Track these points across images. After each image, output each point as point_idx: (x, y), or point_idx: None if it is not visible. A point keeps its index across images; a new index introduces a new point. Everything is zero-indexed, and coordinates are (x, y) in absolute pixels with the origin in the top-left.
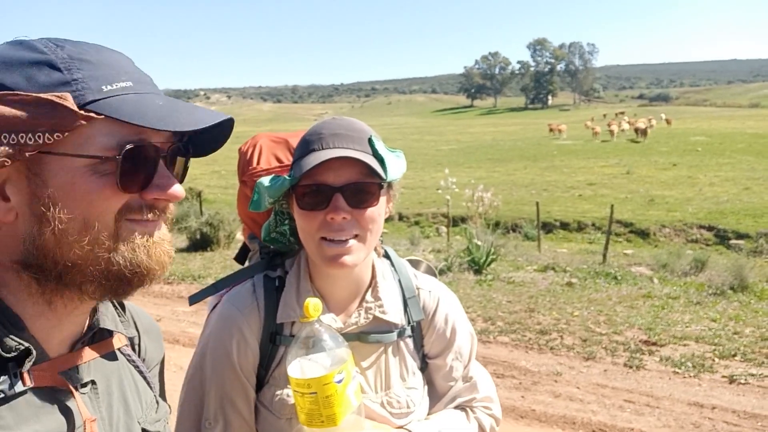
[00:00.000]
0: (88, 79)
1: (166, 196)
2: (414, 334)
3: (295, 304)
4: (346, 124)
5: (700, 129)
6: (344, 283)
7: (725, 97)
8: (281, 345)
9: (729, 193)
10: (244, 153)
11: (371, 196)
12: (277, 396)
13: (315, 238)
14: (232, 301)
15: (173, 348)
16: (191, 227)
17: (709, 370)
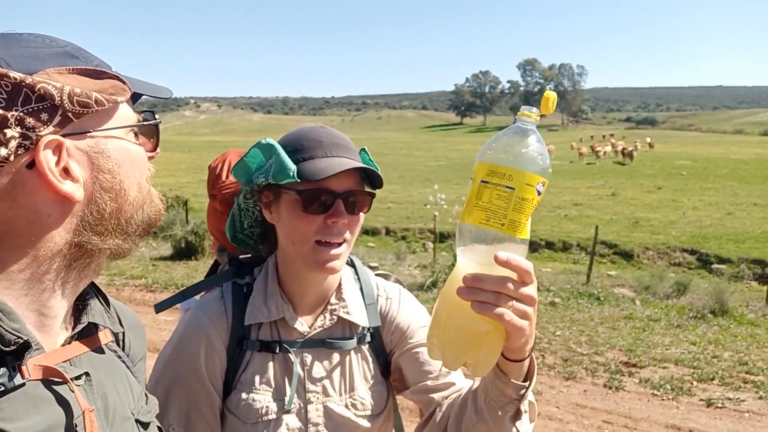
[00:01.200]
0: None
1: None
2: (374, 340)
3: (263, 307)
4: (339, 134)
5: (685, 153)
6: (315, 288)
7: (710, 122)
8: (248, 350)
9: (712, 218)
10: (213, 169)
11: (365, 203)
12: (243, 401)
13: (310, 241)
14: (200, 307)
15: (153, 357)
16: (176, 235)
17: (688, 393)
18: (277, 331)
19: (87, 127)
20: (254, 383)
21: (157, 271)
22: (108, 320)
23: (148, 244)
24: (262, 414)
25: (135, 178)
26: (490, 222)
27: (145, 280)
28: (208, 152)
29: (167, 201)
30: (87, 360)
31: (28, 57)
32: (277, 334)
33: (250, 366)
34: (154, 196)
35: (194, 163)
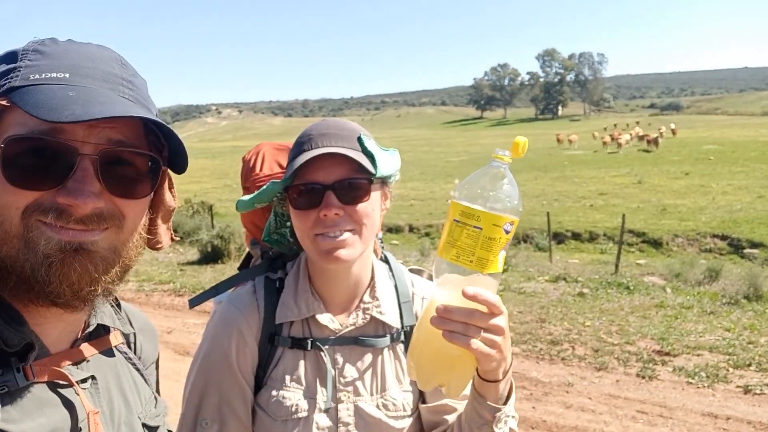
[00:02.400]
0: (27, 68)
1: (71, 203)
2: (407, 339)
3: (293, 305)
4: (335, 123)
5: (712, 138)
6: (343, 284)
7: (737, 105)
8: (279, 346)
9: (742, 202)
10: (247, 161)
11: (362, 191)
12: (273, 397)
13: (310, 235)
14: (232, 302)
15: (184, 360)
16: (202, 240)
17: (724, 381)
18: (308, 328)
19: None
20: (285, 380)
21: (185, 276)
22: (118, 322)
23: (176, 250)
24: (293, 412)
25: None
26: (460, 259)
27: (174, 284)
28: (231, 157)
29: (193, 207)
30: (94, 363)
31: None
32: (308, 331)
33: (281, 362)
34: (31, 245)
35: (218, 169)
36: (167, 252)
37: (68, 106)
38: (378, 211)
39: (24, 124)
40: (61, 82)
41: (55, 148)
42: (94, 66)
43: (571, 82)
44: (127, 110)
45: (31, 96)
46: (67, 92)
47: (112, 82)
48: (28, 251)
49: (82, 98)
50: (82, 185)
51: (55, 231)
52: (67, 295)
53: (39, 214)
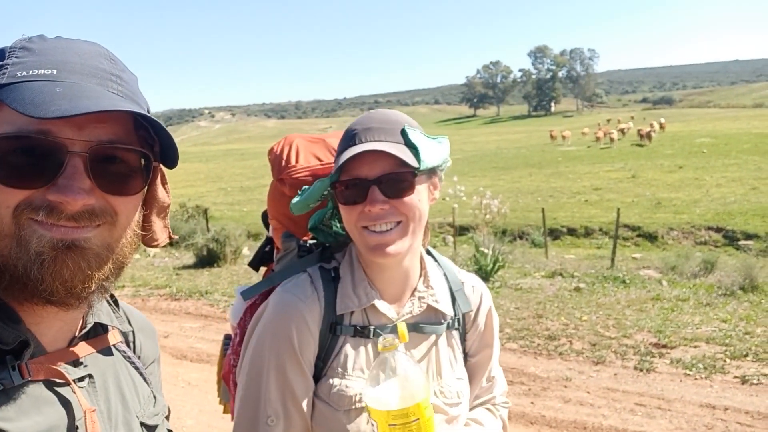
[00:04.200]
0: (14, 65)
1: (61, 200)
2: (459, 327)
3: (352, 295)
4: (379, 116)
5: (704, 131)
6: (396, 273)
7: (729, 98)
8: (341, 335)
9: (736, 194)
10: (278, 154)
11: (407, 184)
12: (335, 387)
13: (357, 227)
14: (290, 290)
15: (181, 364)
16: (198, 244)
17: (721, 371)
18: (367, 316)
19: None
20: (347, 369)
21: (181, 280)
22: (116, 320)
23: (171, 254)
24: (355, 401)
25: None
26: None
27: (170, 289)
28: (225, 160)
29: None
30: (92, 361)
31: None
32: (367, 319)
33: (342, 352)
34: (18, 243)
35: (212, 173)
36: (163, 256)
37: (55, 101)
38: (425, 202)
39: (12, 123)
40: (48, 78)
41: (44, 146)
42: (82, 62)
43: (563, 79)
44: (115, 104)
45: (18, 93)
46: (53, 88)
47: (101, 77)
48: (20, 249)
49: (68, 94)
50: (72, 182)
51: (47, 228)
52: (61, 292)
53: (30, 212)
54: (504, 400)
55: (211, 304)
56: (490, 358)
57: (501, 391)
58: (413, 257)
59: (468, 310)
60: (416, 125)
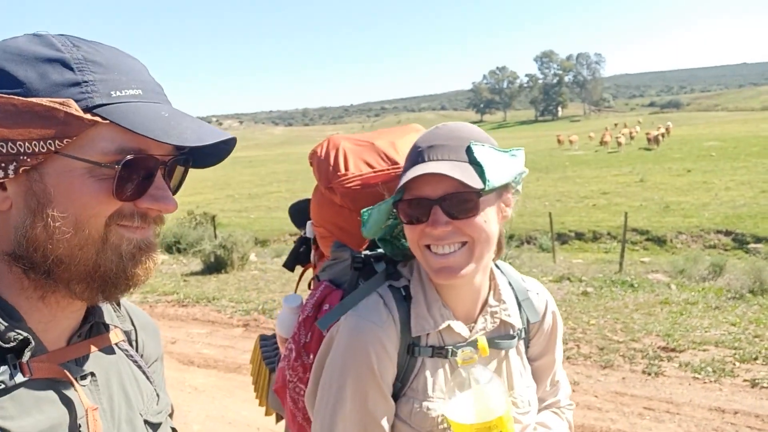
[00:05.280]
0: (98, 82)
1: (158, 207)
2: (525, 335)
3: (427, 316)
4: (445, 132)
5: (712, 134)
6: (467, 291)
7: (737, 101)
8: (419, 356)
9: (745, 197)
10: (324, 159)
11: (471, 205)
12: (416, 409)
13: (420, 246)
14: (363, 314)
15: (188, 369)
16: (205, 250)
17: (730, 375)
18: (441, 336)
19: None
20: (427, 391)
21: (189, 286)
22: (117, 319)
23: (179, 261)
24: (438, 422)
25: (72, 215)
26: None
27: (177, 295)
28: (233, 168)
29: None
30: (94, 360)
31: None
32: (442, 339)
33: (421, 373)
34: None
35: (220, 180)
36: (170, 263)
37: (175, 127)
38: (494, 222)
39: (112, 140)
40: (139, 99)
41: (147, 163)
42: (147, 79)
43: (570, 83)
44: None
45: (130, 116)
46: (159, 112)
47: (162, 95)
48: (112, 252)
49: (174, 118)
50: (166, 192)
51: (132, 231)
52: (142, 282)
53: (121, 220)
54: (568, 402)
55: (218, 310)
56: (554, 363)
57: (565, 394)
58: (484, 274)
59: (536, 320)
60: (486, 139)
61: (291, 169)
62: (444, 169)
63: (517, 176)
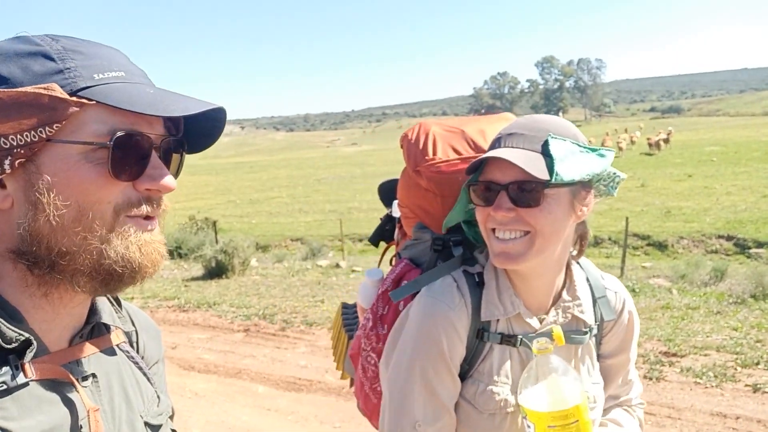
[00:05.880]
0: (80, 68)
1: (158, 187)
2: (597, 333)
3: (498, 303)
4: (528, 123)
5: (713, 139)
6: (540, 283)
7: (738, 106)
8: (488, 341)
9: (747, 202)
10: (414, 142)
11: (534, 195)
12: (482, 391)
13: (486, 229)
14: (436, 296)
15: (189, 374)
16: (206, 255)
17: (732, 380)
18: (511, 324)
19: (37, 143)
20: (492, 374)
21: (189, 291)
22: (118, 320)
23: (180, 266)
24: (501, 406)
25: (75, 203)
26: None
27: (178, 300)
28: (234, 173)
29: (197, 223)
30: (95, 361)
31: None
32: (511, 327)
33: (489, 357)
34: (117, 236)
35: (221, 185)
36: (171, 268)
37: (162, 101)
38: (562, 217)
39: (104, 122)
40: (123, 80)
41: (141, 142)
42: (125, 63)
43: (571, 89)
44: (210, 104)
45: (115, 94)
46: (145, 89)
47: (146, 78)
48: (119, 243)
49: (161, 94)
50: (162, 171)
51: (140, 225)
52: (150, 274)
53: (130, 209)
54: (640, 401)
55: (218, 316)
56: (627, 362)
57: (637, 393)
58: (558, 267)
59: (610, 318)
60: (572, 135)
61: (292, 174)
62: (510, 156)
63: (598, 176)
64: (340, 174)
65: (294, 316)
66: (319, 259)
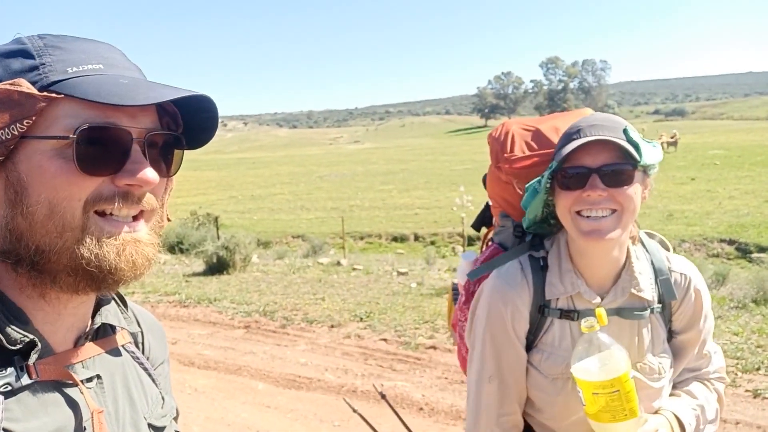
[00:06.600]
0: (56, 62)
1: (136, 181)
2: (664, 311)
3: (558, 283)
4: (603, 116)
5: (717, 142)
6: (601, 262)
7: (742, 110)
8: (548, 316)
9: (749, 206)
10: (497, 140)
11: (626, 176)
12: (545, 359)
13: (571, 212)
14: (503, 278)
15: (188, 370)
16: (208, 251)
17: (732, 385)
18: (572, 301)
19: (11, 141)
20: (554, 345)
21: (190, 287)
22: (124, 321)
23: (181, 261)
24: (562, 372)
25: (46, 200)
26: (617, 417)
27: (179, 295)
28: (237, 169)
29: (198, 218)
30: (100, 362)
31: None
32: (572, 303)
33: (551, 330)
34: (89, 236)
35: (223, 181)
36: (173, 263)
37: (132, 91)
38: (639, 197)
39: (76, 116)
40: (99, 72)
41: (115, 135)
42: (114, 56)
43: (575, 90)
44: (186, 91)
45: (84, 86)
46: (117, 80)
47: (133, 70)
48: (91, 243)
49: (134, 85)
50: (141, 166)
51: (114, 225)
52: (130, 278)
53: (102, 204)
54: (719, 375)
55: (219, 312)
56: (698, 337)
57: (716, 367)
58: (620, 247)
59: (672, 299)
60: (633, 128)
61: (294, 171)
62: (611, 138)
63: (656, 163)
64: (342, 171)
65: (294, 314)
66: (320, 257)
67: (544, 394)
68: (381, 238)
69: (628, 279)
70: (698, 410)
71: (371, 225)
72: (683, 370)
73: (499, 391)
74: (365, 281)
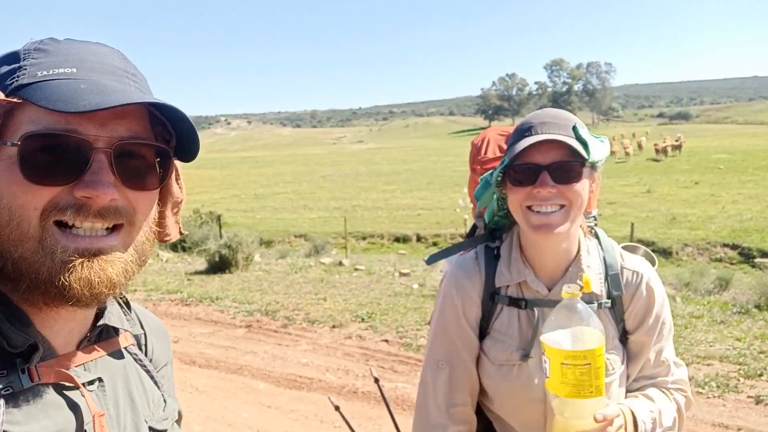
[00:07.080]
0: (33, 66)
1: (88, 194)
2: (614, 307)
3: (506, 271)
4: (553, 113)
5: (721, 147)
6: (550, 254)
7: (747, 114)
8: (499, 303)
9: (753, 211)
10: (475, 145)
11: (574, 173)
12: (493, 346)
13: (522, 207)
14: (459, 266)
15: (190, 369)
16: (210, 250)
17: (734, 390)
18: (521, 290)
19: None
20: (502, 332)
21: (193, 285)
22: (127, 323)
23: (183, 259)
24: (508, 358)
25: (6, 207)
26: (582, 393)
27: (181, 294)
28: (240, 168)
29: (201, 217)
30: (102, 364)
31: None
32: (521, 292)
33: (500, 317)
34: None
35: (226, 179)
36: (175, 261)
37: (83, 97)
38: (587, 192)
39: (37, 122)
40: (69, 77)
41: (70, 143)
42: (99, 60)
43: (579, 92)
44: (143, 97)
45: (43, 91)
46: (78, 85)
47: (118, 75)
48: (45, 255)
49: (94, 89)
50: (100, 177)
51: (71, 240)
52: (87, 298)
53: (57, 214)
54: (680, 387)
55: (221, 310)
56: (651, 339)
57: (676, 378)
58: (570, 240)
59: (618, 293)
60: (583, 125)
61: (298, 170)
62: (561, 138)
63: (603, 159)
64: (345, 171)
65: (296, 313)
66: (323, 257)
67: (491, 381)
68: (383, 239)
69: (576, 272)
70: (655, 413)
71: (374, 225)
72: (641, 377)
73: (449, 380)
74: (367, 282)
